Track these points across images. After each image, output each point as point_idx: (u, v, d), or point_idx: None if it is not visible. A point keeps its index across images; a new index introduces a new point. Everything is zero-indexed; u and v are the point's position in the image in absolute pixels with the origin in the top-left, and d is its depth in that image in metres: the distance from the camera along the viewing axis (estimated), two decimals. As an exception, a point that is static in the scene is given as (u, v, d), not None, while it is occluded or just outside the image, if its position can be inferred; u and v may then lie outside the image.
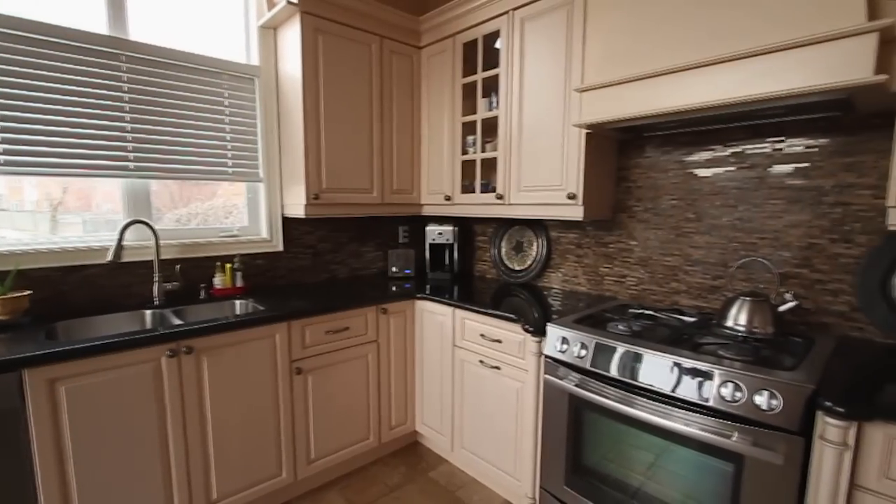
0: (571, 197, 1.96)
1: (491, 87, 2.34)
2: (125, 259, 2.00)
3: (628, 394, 1.47)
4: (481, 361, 2.07)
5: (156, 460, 1.64)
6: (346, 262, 2.78)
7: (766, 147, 1.71)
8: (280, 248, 2.49)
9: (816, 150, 1.61)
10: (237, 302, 2.19)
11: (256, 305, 2.07)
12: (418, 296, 2.38)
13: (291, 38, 2.23)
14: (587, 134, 1.91)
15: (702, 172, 1.89)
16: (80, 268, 1.91)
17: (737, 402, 1.25)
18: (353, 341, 2.18)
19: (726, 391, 1.27)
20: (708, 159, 1.87)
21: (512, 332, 1.92)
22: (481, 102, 2.38)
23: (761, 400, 1.21)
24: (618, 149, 2.15)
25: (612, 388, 1.52)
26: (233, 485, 1.84)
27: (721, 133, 1.82)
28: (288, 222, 2.50)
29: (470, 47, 2.40)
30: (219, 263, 2.24)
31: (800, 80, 1.22)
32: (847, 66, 1.14)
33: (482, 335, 2.06)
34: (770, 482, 1.22)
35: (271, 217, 2.46)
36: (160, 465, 1.65)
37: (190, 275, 2.19)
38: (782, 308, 1.53)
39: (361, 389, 2.25)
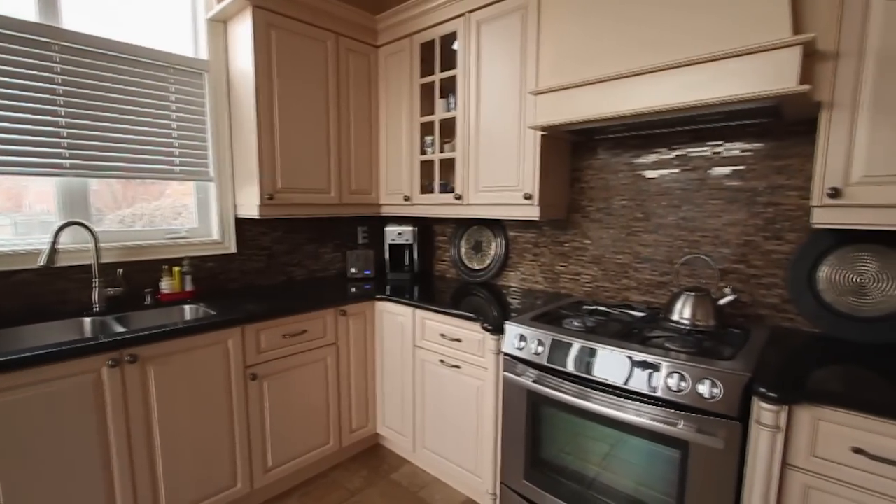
0: (528, 197, 2.00)
1: (449, 87, 2.35)
2: (61, 263, 1.87)
3: (584, 388, 1.52)
4: (442, 361, 2.08)
5: (97, 478, 1.54)
6: (303, 264, 2.72)
7: (706, 150, 1.82)
8: (233, 249, 2.40)
9: (751, 153, 1.72)
10: (186, 307, 2.10)
11: (207, 310, 1.99)
12: (378, 297, 2.36)
13: (243, 33, 2.15)
14: (542, 136, 1.96)
15: (649, 174, 1.98)
16: (9, 273, 1.76)
17: (682, 391, 1.32)
18: (311, 344, 2.13)
19: (672, 382, 1.34)
20: (655, 161, 1.96)
21: (471, 331, 1.94)
22: (439, 103, 2.39)
23: (704, 389, 1.28)
24: (571, 151, 2.22)
25: (567, 383, 1.56)
26: (184, 499, 1.76)
27: (666, 137, 1.92)
28: (241, 223, 2.42)
29: (427, 48, 2.40)
30: (166, 267, 2.13)
31: (734, 89, 1.30)
32: (775, 76, 1.23)
33: (442, 335, 2.07)
34: (713, 466, 1.30)
35: (223, 218, 2.37)
36: (103, 483, 1.55)
37: (134, 279, 2.07)
38: (722, 301, 1.63)
39: (320, 393, 2.20)
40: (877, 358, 1.37)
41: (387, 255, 2.81)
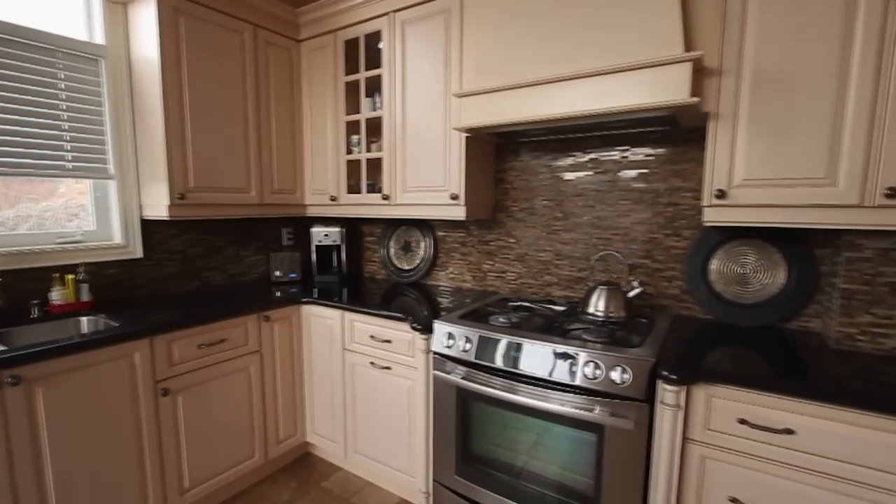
0: (454, 198, 2.04)
1: (375, 86, 2.33)
2: (-83, 275, 1.60)
3: (510, 381, 1.58)
4: (372, 363, 2.06)
5: (-29, 519, 1.34)
6: (222, 268, 2.55)
7: (616, 154, 1.97)
8: (139, 254, 2.19)
9: (653, 158, 1.89)
10: (84, 319, 1.89)
11: (109, 322, 1.81)
12: (304, 300, 2.28)
13: (146, 18, 1.98)
14: (467, 137, 2.01)
15: (567, 176, 2.10)
16: None
17: (597, 379, 1.42)
18: (231, 354, 2.01)
19: (589, 370, 1.43)
20: (571, 164, 2.08)
21: (401, 332, 1.94)
22: (365, 102, 2.36)
23: (616, 375, 1.39)
24: (496, 152, 2.29)
25: (495, 377, 1.62)
26: (83, 532, 1.58)
27: (581, 141, 2.05)
28: (149, 225, 2.22)
29: (352, 45, 2.36)
30: (57, 275, 1.90)
31: (637, 98, 1.42)
32: (670, 88, 1.36)
33: (372, 336, 2.05)
34: (625, 445, 1.40)
35: (127, 219, 2.16)
36: (-22, 524, 1.36)
37: (18, 290, 1.83)
38: (631, 294, 1.77)
39: (243, 405, 2.09)
40: (757, 339, 1.57)
41: (313, 257, 2.72)
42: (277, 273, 2.64)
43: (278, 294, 2.33)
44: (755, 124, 1.41)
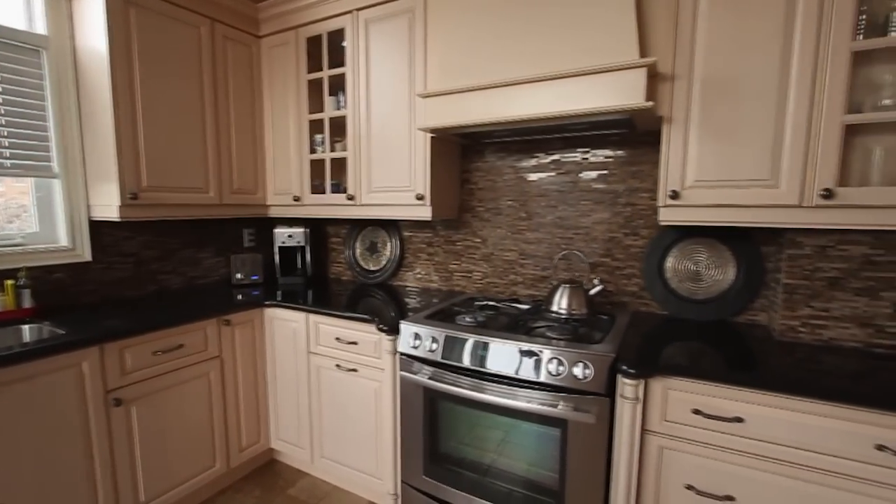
0: (420, 198, 2.04)
1: (338, 85, 2.30)
2: None
3: (477, 380, 1.60)
4: (338, 366, 2.03)
5: None
6: (179, 271, 2.45)
7: (577, 156, 2.02)
8: (87, 257, 2.08)
9: (612, 160, 1.95)
10: (25, 327, 1.77)
11: (55, 329, 1.70)
12: (267, 303, 2.22)
13: (92, 7, 1.87)
14: (432, 138, 2.01)
15: (531, 177, 2.14)
16: None
17: (560, 375, 1.45)
18: (189, 360, 1.94)
19: (552, 367, 1.46)
20: (535, 165, 2.12)
21: (367, 333, 1.93)
22: (329, 101, 2.32)
23: (578, 371, 1.43)
24: (461, 153, 2.31)
25: (462, 377, 1.63)
26: (26, 554, 1.49)
27: (544, 143, 2.09)
28: (98, 227, 2.11)
29: (314, 43, 2.32)
30: (-6, 281, 1.77)
31: (596, 102, 1.46)
32: (626, 92, 1.41)
33: (338, 339, 2.02)
34: (587, 439, 1.44)
35: (73, 221, 2.04)
36: None
37: (-53, 298, 1.70)
38: (592, 292, 1.82)
39: (203, 412, 2.01)
40: (709, 333, 1.65)
41: (277, 259, 2.66)
42: (239, 275, 2.56)
43: (239, 297, 2.26)
44: (705, 128, 1.48)
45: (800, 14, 1.33)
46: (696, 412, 1.32)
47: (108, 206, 1.96)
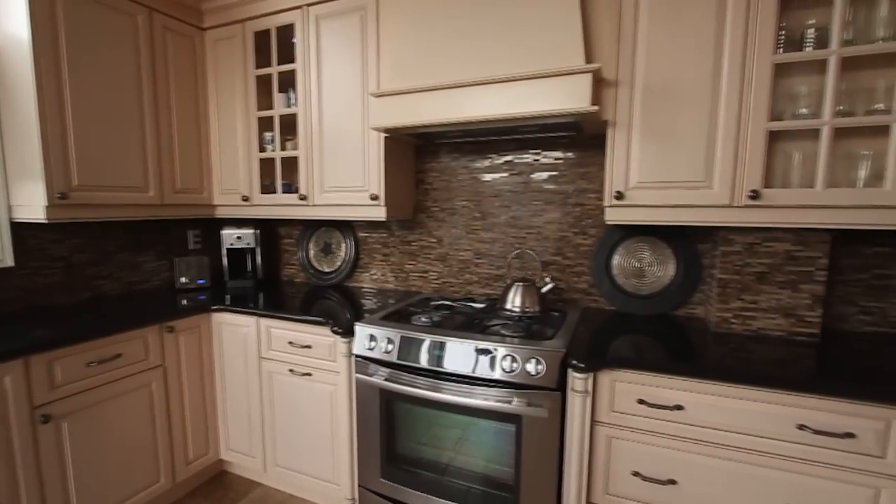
0: (374, 198, 2.02)
1: (289, 82, 2.23)
2: None
3: (434, 380, 1.60)
4: (291, 370, 1.98)
5: None
6: (116, 276, 2.30)
7: (528, 158, 2.07)
8: (9, 262, 1.91)
9: (562, 161, 2.02)
10: (-66, 341, 1.60)
11: (-31, 342, 1.55)
12: (215, 308, 2.13)
13: (10, -8, 1.72)
14: (386, 137, 2.00)
15: (484, 177, 2.17)
16: None
17: (514, 371, 1.48)
18: (128, 370, 1.82)
19: (506, 364, 1.49)
20: (488, 166, 2.16)
21: (322, 336, 1.89)
22: (279, 97, 2.25)
23: (531, 367, 1.46)
24: (415, 153, 2.30)
25: (418, 377, 1.63)
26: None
27: (496, 144, 2.13)
28: (21, 229, 1.94)
29: (263, 37, 2.24)
30: None
31: (544, 105, 1.51)
32: (573, 96, 1.46)
33: (291, 343, 1.96)
34: (541, 433, 1.48)
35: (-9, 223, 1.87)
36: None
37: None
38: (544, 289, 1.87)
39: (145, 425, 1.90)
40: (652, 327, 1.73)
41: (225, 261, 2.55)
42: (183, 279, 2.44)
43: (184, 302, 2.15)
44: (646, 132, 1.56)
45: (728, 27, 1.43)
46: (641, 402, 1.39)
47: (32, 206, 1.81)
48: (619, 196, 1.61)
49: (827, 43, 1.36)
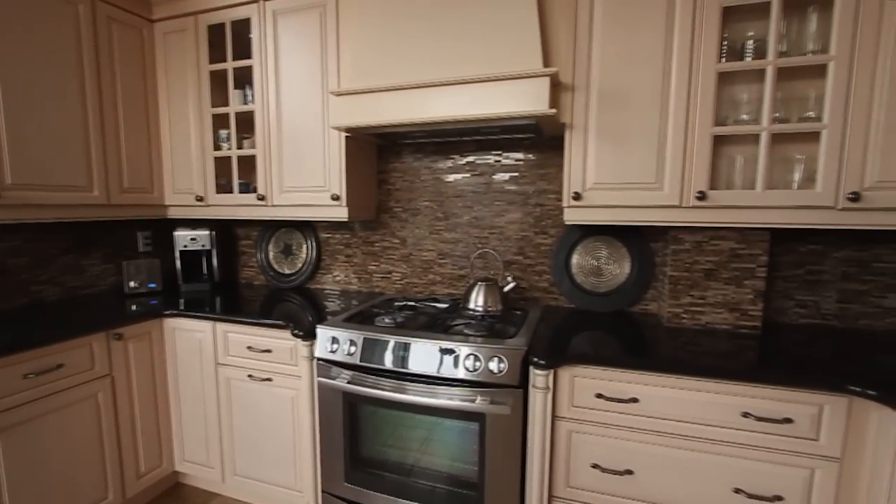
0: (335, 198, 1.99)
1: (245, 78, 2.17)
2: None
3: (396, 381, 1.59)
4: (250, 376, 1.92)
5: None
6: (57, 281, 2.16)
7: (490, 159, 2.10)
8: (-68, 269, 1.76)
9: (523, 163, 2.06)
10: None
11: None
12: (167, 313, 2.04)
13: (-69, -26, 1.59)
14: (347, 137, 1.97)
15: (447, 178, 2.19)
16: None
17: (477, 370, 1.50)
18: (72, 381, 1.72)
19: (469, 363, 1.51)
20: (450, 167, 2.17)
21: (282, 340, 1.84)
22: (234, 94, 2.18)
23: (493, 365, 1.48)
24: (377, 153, 2.29)
25: (380, 378, 1.62)
26: None
27: (458, 145, 2.14)
28: (-55, 233, 1.79)
29: (217, 31, 2.17)
30: None
31: (504, 107, 1.53)
32: (532, 99, 1.49)
33: (249, 347, 1.91)
34: (504, 430, 1.50)
35: (-90, 226, 1.72)
36: None
37: None
38: (507, 288, 1.90)
39: (91, 439, 1.79)
40: (609, 323, 1.80)
41: (178, 264, 2.44)
42: (133, 284, 2.32)
43: (134, 307, 2.05)
44: (602, 135, 1.61)
45: (676, 36, 1.50)
46: (599, 396, 1.44)
47: (-41, 207, 1.67)
48: (577, 197, 1.66)
49: (765, 54, 1.46)
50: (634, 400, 1.41)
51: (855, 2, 1.34)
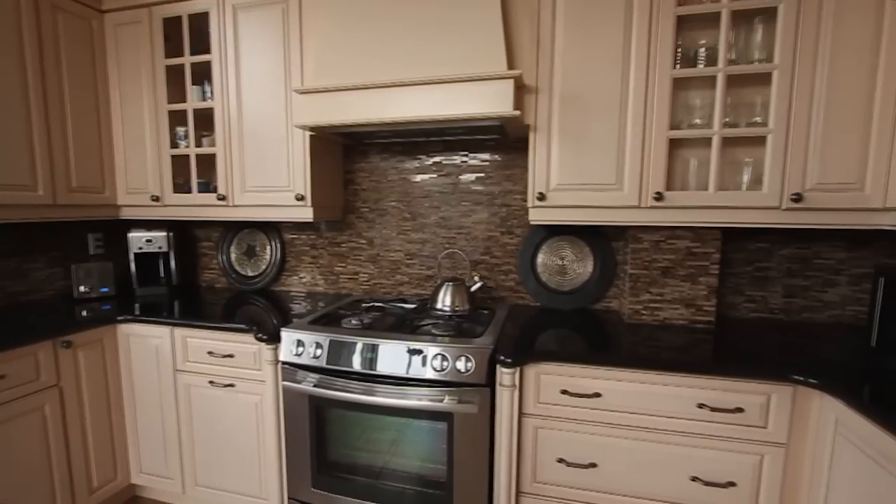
0: (300, 198, 1.95)
1: (204, 73, 2.09)
2: None
3: (366, 383, 1.58)
4: (211, 382, 1.85)
5: None
6: (-4, 287, 2.03)
7: (457, 159, 2.11)
8: None
9: (489, 163, 2.08)
10: None
11: None
12: (121, 318, 1.94)
13: None
14: (312, 136, 1.94)
15: (414, 178, 2.18)
16: None
17: (445, 370, 1.50)
18: (14, 393, 1.61)
19: (437, 363, 1.51)
20: (417, 167, 2.17)
21: (245, 344, 1.79)
22: (193, 90, 2.10)
23: (461, 364, 1.49)
24: (343, 153, 2.26)
25: (349, 381, 1.60)
26: None
27: (425, 146, 2.15)
28: None
29: (173, 24, 2.08)
30: None
31: (470, 108, 1.54)
32: (497, 101, 1.51)
33: (210, 353, 1.84)
34: (472, 428, 1.52)
35: None
36: None
37: None
38: (474, 288, 1.92)
39: (37, 453, 1.69)
40: (573, 321, 1.84)
41: (133, 267, 2.33)
42: (83, 288, 2.20)
43: (84, 313, 1.94)
44: (564, 137, 1.65)
45: (634, 42, 1.55)
46: (564, 392, 1.47)
47: None
48: (542, 197, 1.69)
49: (716, 61, 1.53)
50: (598, 395, 1.45)
51: (795, 15, 1.43)
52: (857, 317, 1.77)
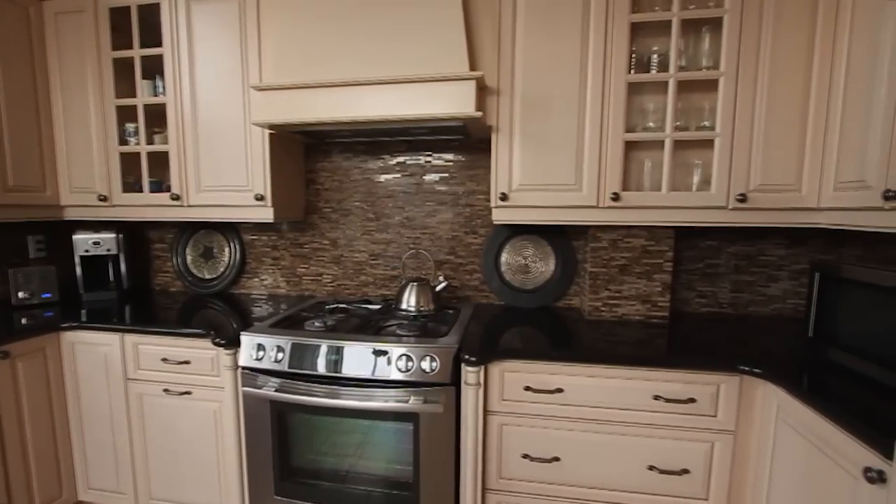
0: (259, 198, 1.90)
1: (156, 67, 2.00)
2: None
3: (329, 386, 1.55)
4: (166, 390, 1.78)
5: None
6: (-79, 294, 1.86)
7: (420, 159, 2.11)
8: None
9: (453, 164, 2.09)
10: None
11: None
12: (66, 325, 1.83)
13: None
14: (272, 134, 1.89)
15: (378, 178, 2.17)
16: None
17: (410, 370, 1.50)
18: (-58, 409, 1.49)
19: (402, 363, 1.51)
20: (381, 167, 2.16)
21: (202, 350, 1.73)
22: (143, 84, 2.01)
23: (426, 364, 1.49)
24: (305, 152, 2.21)
25: (312, 384, 1.57)
26: None
27: (389, 145, 2.13)
28: None
29: (121, 14, 1.98)
30: None
31: (432, 108, 1.54)
32: (458, 101, 1.52)
33: (165, 359, 1.77)
34: (437, 428, 1.52)
35: None
36: None
37: None
38: (438, 288, 1.93)
39: (-32, 473, 1.57)
40: (536, 318, 1.88)
41: (79, 271, 2.20)
42: (22, 294, 2.06)
43: (24, 321, 1.82)
44: (526, 138, 1.68)
45: (591, 47, 1.60)
46: (528, 389, 1.50)
47: None
48: (504, 197, 1.72)
49: (667, 67, 1.60)
50: (560, 390, 1.48)
51: (738, 24, 1.52)
52: (796, 309, 1.90)
